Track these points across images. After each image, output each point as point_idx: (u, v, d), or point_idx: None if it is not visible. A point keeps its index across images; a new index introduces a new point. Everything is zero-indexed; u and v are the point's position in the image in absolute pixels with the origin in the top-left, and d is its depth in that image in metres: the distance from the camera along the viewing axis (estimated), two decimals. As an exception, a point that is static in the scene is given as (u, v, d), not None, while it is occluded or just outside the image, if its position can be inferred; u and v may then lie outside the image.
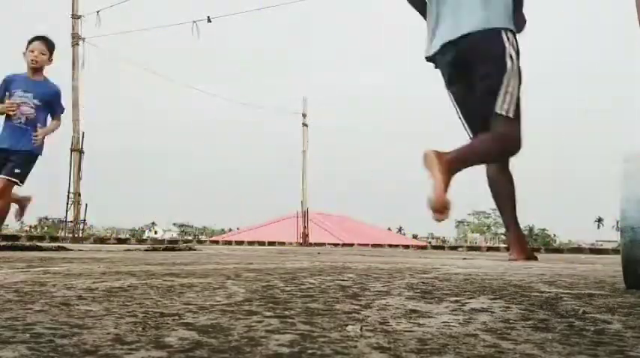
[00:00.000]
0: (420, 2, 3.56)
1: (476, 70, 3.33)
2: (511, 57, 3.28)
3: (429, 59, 3.54)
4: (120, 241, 9.85)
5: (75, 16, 10.98)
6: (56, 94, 5.25)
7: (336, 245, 12.02)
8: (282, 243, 12.06)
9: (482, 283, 1.99)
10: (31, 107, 5.05)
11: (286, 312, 1.15)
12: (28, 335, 0.86)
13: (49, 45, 5.01)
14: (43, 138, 5.16)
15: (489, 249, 9.85)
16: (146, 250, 5.07)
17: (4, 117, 5.07)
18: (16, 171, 5.02)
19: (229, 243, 12.50)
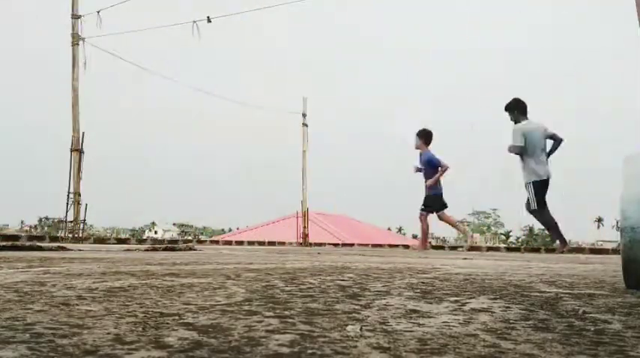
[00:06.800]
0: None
1: None
2: None
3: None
4: (120, 241, 9.84)
5: (75, 16, 10.97)
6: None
7: (336, 245, 11.99)
8: (282, 243, 12.06)
9: (482, 283, 2.00)
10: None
11: (286, 312, 1.15)
12: (28, 335, 0.86)
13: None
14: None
15: (489, 249, 9.84)
16: (146, 250, 5.08)
17: None
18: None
19: (229, 243, 12.48)
